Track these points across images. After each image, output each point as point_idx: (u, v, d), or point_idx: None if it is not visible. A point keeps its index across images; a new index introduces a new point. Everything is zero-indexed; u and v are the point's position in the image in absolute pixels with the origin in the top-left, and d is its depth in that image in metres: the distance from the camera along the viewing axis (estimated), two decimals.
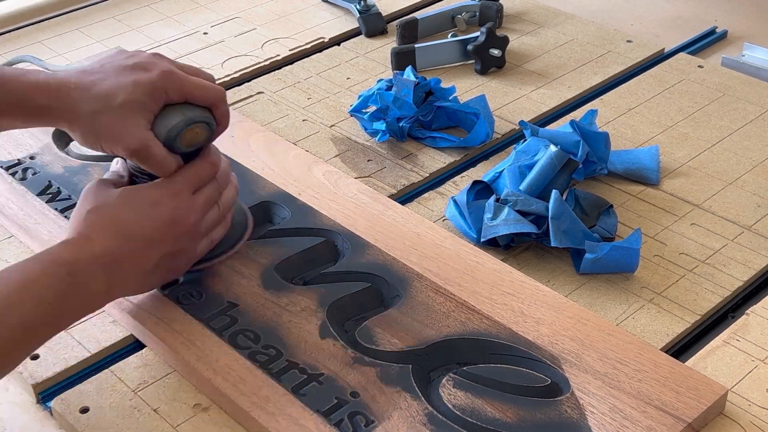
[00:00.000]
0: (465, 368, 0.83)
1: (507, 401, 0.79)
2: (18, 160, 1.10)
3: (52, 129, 1.15)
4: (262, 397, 0.80)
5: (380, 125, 1.15)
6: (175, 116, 0.85)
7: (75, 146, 1.13)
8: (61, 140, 1.14)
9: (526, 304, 0.88)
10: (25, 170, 1.09)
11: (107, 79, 0.84)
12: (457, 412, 0.78)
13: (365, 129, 1.17)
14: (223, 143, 1.11)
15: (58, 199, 1.04)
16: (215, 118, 0.87)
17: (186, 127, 0.85)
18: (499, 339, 0.85)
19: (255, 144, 1.11)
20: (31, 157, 1.11)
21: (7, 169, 1.09)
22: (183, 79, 0.85)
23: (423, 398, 0.79)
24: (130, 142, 0.83)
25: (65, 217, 1.01)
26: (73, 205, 1.02)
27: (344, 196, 1.03)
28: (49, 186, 1.06)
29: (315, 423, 0.78)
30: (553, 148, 0.98)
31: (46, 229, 0.99)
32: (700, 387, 0.80)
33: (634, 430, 0.76)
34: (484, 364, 0.83)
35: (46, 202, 1.03)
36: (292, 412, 0.79)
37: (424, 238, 0.96)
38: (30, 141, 1.14)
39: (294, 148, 1.12)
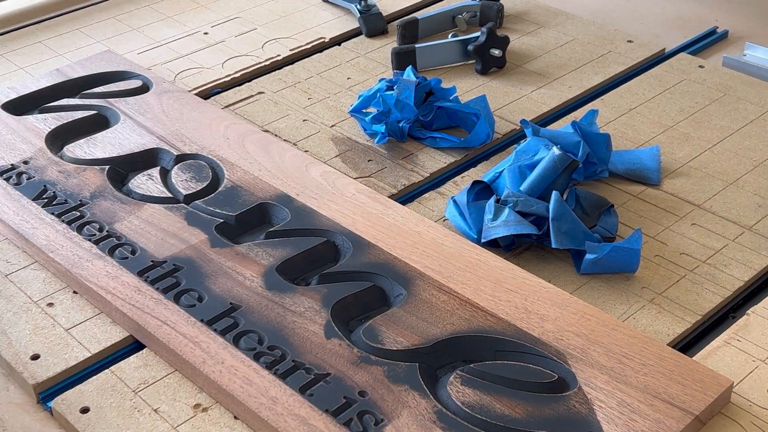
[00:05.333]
0: (471, 365, 0.83)
1: (515, 397, 0.79)
2: (12, 165, 1.10)
3: (44, 133, 1.15)
4: (270, 397, 0.80)
5: (380, 127, 1.14)
6: None
7: (68, 150, 1.13)
8: (54, 144, 1.14)
9: (530, 300, 0.88)
10: (19, 175, 1.08)
11: None
12: (466, 409, 0.78)
13: (364, 130, 1.17)
14: (218, 145, 1.11)
15: (54, 203, 1.03)
16: None
17: None
18: (505, 336, 0.85)
19: (250, 145, 1.11)
20: (25, 162, 1.10)
21: (2, 174, 1.09)
22: None
23: (431, 396, 0.80)
24: None
25: (63, 221, 1.01)
26: (70, 210, 1.02)
27: (343, 196, 1.03)
28: (45, 191, 1.05)
29: (324, 423, 0.78)
30: (556, 151, 0.98)
31: (44, 234, 0.99)
32: (706, 380, 0.80)
33: (643, 424, 0.76)
34: (491, 361, 0.84)
35: (43, 207, 1.03)
36: (301, 413, 0.79)
37: (425, 237, 0.96)
38: (23, 146, 1.13)
39: (290, 149, 1.12)
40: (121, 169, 1.10)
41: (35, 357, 0.87)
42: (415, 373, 0.81)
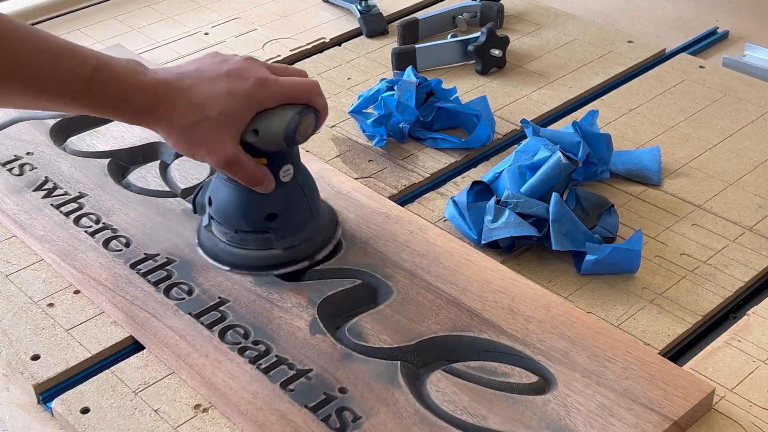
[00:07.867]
0: (453, 365, 0.83)
1: (495, 398, 0.79)
2: (15, 156, 1.11)
3: (50, 125, 1.16)
4: (251, 392, 0.80)
5: (379, 129, 1.14)
6: (286, 112, 0.86)
7: (72, 143, 1.13)
8: (59, 136, 1.15)
9: (516, 301, 0.88)
10: (22, 166, 1.09)
11: (202, 85, 0.84)
12: (446, 409, 0.79)
13: (363, 131, 1.17)
14: None
15: (54, 194, 1.04)
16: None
17: (301, 119, 0.86)
18: (488, 336, 0.85)
19: None
20: (28, 153, 1.11)
21: (5, 164, 1.09)
22: (276, 85, 0.86)
23: (411, 394, 0.80)
24: (221, 155, 0.85)
25: (61, 212, 1.01)
26: (69, 201, 1.03)
27: (338, 193, 1.03)
28: (46, 182, 1.06)
29: (303, 418, 0.78)
30: (563, 159, 0.98)
31: (41, 224, 1.00)
32: (687, 385, 0.80)
33: (620, 428, 0.76)
34: (473, 361, 0.84)
35: (42, 198, 1.04)
36: (280, 407, 0.79)
37: (417, 236, 0.97)
38: (27, 137, 1.14)
39: None
40: (123, 162, 1.11)
41: (35, 357, 0.87)
42: (396, 371, 0.82)
